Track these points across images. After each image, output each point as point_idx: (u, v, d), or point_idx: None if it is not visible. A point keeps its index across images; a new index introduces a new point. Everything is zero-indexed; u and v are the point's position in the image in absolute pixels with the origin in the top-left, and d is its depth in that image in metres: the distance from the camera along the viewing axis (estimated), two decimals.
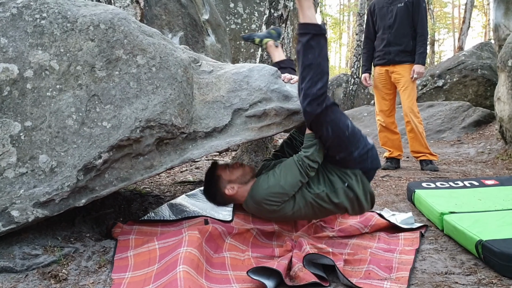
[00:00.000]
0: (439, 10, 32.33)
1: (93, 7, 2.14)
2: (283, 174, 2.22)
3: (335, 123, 2.22)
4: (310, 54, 2.20)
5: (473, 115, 7.32)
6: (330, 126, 2.20)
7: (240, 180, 2.33)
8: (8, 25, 1.98)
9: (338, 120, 2.24)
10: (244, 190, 2.31)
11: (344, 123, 2.25)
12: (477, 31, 36.43)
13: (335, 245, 2.42)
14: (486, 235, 2.16)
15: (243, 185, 2.32)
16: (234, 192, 2.31)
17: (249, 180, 2.34)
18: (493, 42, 8.08)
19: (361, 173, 2.29)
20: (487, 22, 27.75)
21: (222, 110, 2.31)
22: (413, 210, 3.04)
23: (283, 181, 2.20)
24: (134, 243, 2.19)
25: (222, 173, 2.35)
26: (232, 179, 2.33)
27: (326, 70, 2.22)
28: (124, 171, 2.07)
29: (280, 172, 2.23)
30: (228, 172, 2.35)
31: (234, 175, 2.34)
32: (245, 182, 2.33)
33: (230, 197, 2.34)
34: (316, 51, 2.19)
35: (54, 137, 1.95)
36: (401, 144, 4.82)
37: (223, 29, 7.37)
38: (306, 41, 2.20)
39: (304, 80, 2.19)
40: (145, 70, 2.08)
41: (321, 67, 2.19)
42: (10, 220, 1.88)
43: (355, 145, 2.26)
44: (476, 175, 4.28)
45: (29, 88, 1.95)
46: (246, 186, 2.32)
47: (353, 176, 2.27)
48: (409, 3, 4.50)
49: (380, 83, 4.76)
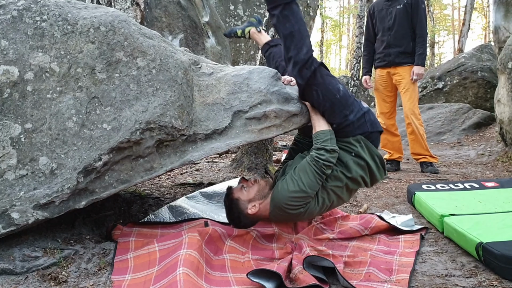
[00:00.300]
0: (439, 12, 32.36)
1: (93, 10, 2.15)
2: (301, 177, 2.17)
3: (325, 87, 2.24)
4: (287, 23, 2.25)
5: (473, 117, 7.33)
6: (320, 90, 2.22)
7: (259, 196, 2.29)
8: (9, 28, 1.98)
9: (328, 83, 2.26)
10: (265, 204, 2.27)
11: (334, 87, 2.27)
12: (477, 33, 36.45)
13: (335, 247, 2.42)
14: (486, 237, 2.16)
15: (263, 200, 2.28)
16: (256, 210, 2.26)
17: (267, 194, 2.29)
18: (493, 44, 8.08)
19: (363, 139, 2.28)
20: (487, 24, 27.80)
21: (222, 112, 2.31)
22: (413, 212, 3.04)
23: (301, 184, 2.16)
24: (134, 245, 2.19)
25: (239, 195, 2.31)
26: (251, 198, 2.28)
27: (306, 33, 2.27)
28: (124, 173, 2.07)
29: (297, 175, 2.19)
30: (245, 192, 2.31)
31: (251, 193, 2.30)
32: (264, 196, 2.29)
33: (254, 215, 2.29)
34: (292, 18, 2.24)
35: (54, 139, 1.95)
36: (401, 146, 4.83)
37: (223, 31, 7.38)
38: (280, 12, 2.25)
39: (290, 49, 2.24)
40: (145, 72, 2.08)
41: (301, 32, 2.24)
42: (10, 222, 1.88)
43: (348, 108, 2.26)
44: (476, 177, 4.28)
45: (30, 90, 1.95)
46: (266, 199, 2.27)
47: (357, 143, 2.27)
48: (408, 5, 4.50)
49: (381, 85, 4.77)
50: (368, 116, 2.32)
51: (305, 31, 2.27)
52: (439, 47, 33.13)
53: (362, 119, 2.28)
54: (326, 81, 2.26)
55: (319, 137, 2.24)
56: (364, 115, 2.29)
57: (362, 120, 2.28)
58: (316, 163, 2.16)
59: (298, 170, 2.21)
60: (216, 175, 3.78)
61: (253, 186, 2.33)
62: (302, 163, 2.23)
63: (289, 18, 2.25)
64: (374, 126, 2.33)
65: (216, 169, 4.05)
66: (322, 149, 2.18)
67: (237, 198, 2.30)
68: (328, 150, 2.17)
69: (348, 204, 3.28)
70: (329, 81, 2.27)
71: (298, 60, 2.20)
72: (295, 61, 2.21)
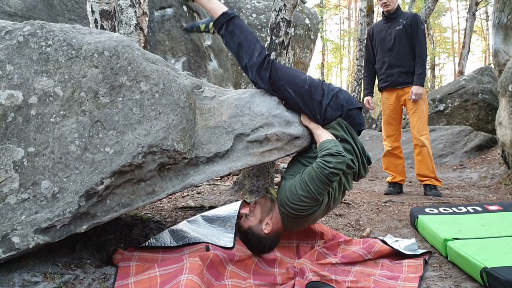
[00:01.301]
0: (439, 35, 32.74)
1: (97, 35, 2.17)
2: (308, 184, 2.17)
3: (291, 81, 2.29)
4: (234, 37, 2.36)
5: (475, 140, 7.33)
6: (288, 86, 2.27)
7: (266, 213, 2.31)
8: (14, 53, 2.01)
9: (293, 77, 2.31)
10: (276, 216, 2.29)
11: (300, 78, 2.32)
12: (477, 55, 36.80)
13: (338, 272, 2.39)
14: (491, 262, 2.14)
15: (271, 214, 2.30)
16: (271, 226, 2.28)
17: (272, 206, 2.32)
18: (493, 67, 8.14)
19: (344, 122, 2.34)
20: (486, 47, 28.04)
21: (224, 135, 2.32)
22: (416, 236, 3.01)
23: (309, 190, 2.16)
24: (134, 270, 2.17)
25: (248, 223, 2.31)
26: (260, 219, 2.30)
27: (254, 39, 2.35)
28: (126, 197, 2.06)
29: (304, 182, 2.18)
30: (251, 218, 2.32)
31: (257, 214, 2.31)
32: (270, 210, 2.31)
33: (273, 233, 2.29)
34: (237, 31, 2.33)
35: (57, 163, 1.95)
36: (404, 169, 4.81)
37: (225, 55, 7.46)
38: (225, 30, 2.36)
39: (243, 59, 2.33)
40: (148, 96, 2.10)
41: (248, 40, 2.32)
42: (11, 246, 1.87)
43: (319, 93, 2.30)
44: (479, 200, 4.25)
45: (33, 114, 1.96)
46: (274, 211, 2.30)
47: (339, 128, 2.32)
48: (407, 26, 4.55)
49: (388, 108, 4.77)
50: (342, 95, 2.36)
51: (252, 38, 2.35)
52: (440, 69, 33.37)
53: (336, 99, 2.32)
54: (290, 74, 2.30)
55: (322, 146, 2.24)
56: (337, 95, 2.33)
57: (337, 100, 2.32)
58: (321, 171, 2.14)
59: (305, 177, 2.20)
60: (217, 198, 3.76)
61: (256, 208, 2.33)
62: (308, 170, 2.21)
63: (235, 32, 2.35)
64: (350, 103, 2.36)
65: (218, 192, 4.03)
66: (327, 155, 2.16)
67: (248, 226, 2.30)
68: (334, 154, 2.15)
69: (351, 228, 3.25)
70: (292, 74, 2.32)
71: (252, 65, 2.29)
72: (250, 66, 2.29)
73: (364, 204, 4.06)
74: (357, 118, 2.37)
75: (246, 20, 11.35)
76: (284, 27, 3.79)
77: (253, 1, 11.94)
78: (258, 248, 2.32)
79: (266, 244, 2.30)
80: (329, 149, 2.17)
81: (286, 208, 2.24)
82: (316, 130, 2.34)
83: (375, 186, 5.34)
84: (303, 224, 2.42)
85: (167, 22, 6.26)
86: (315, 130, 2.35)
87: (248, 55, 2.27)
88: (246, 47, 2.30)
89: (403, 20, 4.58)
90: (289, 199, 2.22)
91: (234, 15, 2.38)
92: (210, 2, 2.39)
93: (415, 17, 4.61)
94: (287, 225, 2.33)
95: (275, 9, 3.83)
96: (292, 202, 2.21)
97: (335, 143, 2.23)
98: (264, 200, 2.36)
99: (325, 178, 2.14)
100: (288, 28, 3.82)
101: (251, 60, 2.29)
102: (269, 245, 2.33)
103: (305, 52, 13.28)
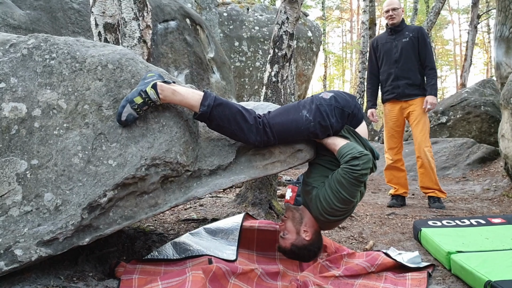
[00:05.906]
0: (441, 47, 32.88)
1: (101, 48, 2.19)
2: (340, 191, 2.18)
3: (285, 127, 2.29)
4: (223, 128, 2.24)
5: (478, 152, 7.31)
6: (273, 132, 2.27)
7: (299, 223, 2.32)
8: (19, 65, 2.03)
9: (285, 123, 2.29)
10: (309, 221, 2.32)
11: (302, 122, 2.30)
12: (479, 68, 36.83)
13: (341, 285, 2.38)
14: (494, 275, 2.12)
15: (305, 221, 2.32)
16: (309, 232, 2.30)
17: (302, 214, 2.35)
18: (495, 79, 8.15)
19: (351, 129, 2.39)
20: (488, 59, 28.13)
21: (227, 147, 2.33)
22: (419, 249, 2.99)
23: (344, 195, 2.18)
24: (137, 283, 2.15)
25: (288, 240, 2.30)
26: (296, 230, 2.31)
27: (241, 119, 2.22)
28: (129, 210, 2.06)
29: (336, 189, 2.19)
30: (288, 235, 2.31)
31: (292, 228, 2.32)
32: (302, 218, 2.33)
33: (314, 236, 2.32)
34: (222, 123, 2.21)
35: (60, 175, 1.95)
36: (407, 182, 4.79)
37: (228, 67, 7.50)
38: (210, 126, 2.26)
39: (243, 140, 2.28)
40: (151, 109, 2.11)
41: (237, 122, 2.21)
42: (13, 259, 1.86)
43: (324, 118, 2.30)
44: (482, 212, 4.23)
45: (37, 127, 1.97)
46: (305, 217, 2.33)
47: (348, 135, 2.37)
48: (414, 38, 4.58)
49: (390, 120, 4.77)
50: (339, 103, 2.36)
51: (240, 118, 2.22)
52: (442, 81, 33.48)
53: (338, 110, 2.34)
54: (283, 122, 2.30)
55: (342, 152, 2.24)
56: (336, 106, 2.35)
57: (338, 111, 2.35)
58: (351, 175, 2.15)
59: (336, 185, 2.20)
60: (220, 211, 3.75)
61: (286, 223, 2.34)
62: (337, 178, 2.20)
63: (221, 125, 2.23)
64: (348, 107, 2.39)
65: (220, 204, 4.02)
66: (351, 159, 2.16)
67: (291, 244, 2.30)
68: (357, 156, 2.16)
69: (354, 241, 3.24)
70: (284, 120, 2.30)
71: (256, 143, 2.27)
72: (252, 142, 2.27)
73: (367, 216, 4.05)
74: (357, 114, 2.41)
75: (249, 32, 11.43)
76: (287, 40, 3.82)
77: (255, 14, 12.04)
78: (310, 256, 2.35)
79: (314, 248, 2.33)
80: (350, 153, 2.18)
81: (325, 216, 2.27)
82: (327, 140, 2.35)
83: (378, 198, 5.33)
84: (341, 222, 2.48)
85: (170, 34, 6.31)
86: (325, 141, 2.36)
87: (246, 138, 2.24)
88: (240, 133, 2.23)
89: (409, 33, 4.61)
90: (326, 209, 2.24)
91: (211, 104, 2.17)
92: (177, 94, 2.12)
93: (421, 30, 4.64)
94: (325, 226, 2.41)
95: (277, 22, 3.86)
96: (330, 212, 2.24)
97: (353, 145, 2.24)
98: (290, 213, 2.37)
99: (356, 181, 2.16)
100: (291, 41, 3.85)
101: (249, 140, 2.26)
102: (317, 247, 2.36)
103: (308, 65, 13.36)
